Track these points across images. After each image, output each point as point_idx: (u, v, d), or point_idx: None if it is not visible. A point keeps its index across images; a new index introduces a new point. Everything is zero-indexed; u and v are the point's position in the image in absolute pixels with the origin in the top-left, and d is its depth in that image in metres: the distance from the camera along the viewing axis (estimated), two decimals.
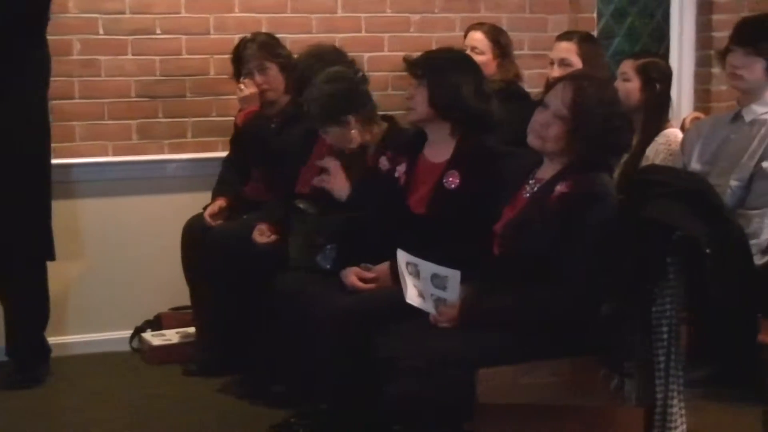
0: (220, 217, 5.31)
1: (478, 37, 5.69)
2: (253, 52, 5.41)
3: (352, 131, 4.62)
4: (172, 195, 5.75)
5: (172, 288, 5.57)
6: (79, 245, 5.65)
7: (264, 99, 5.42)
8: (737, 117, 4.39)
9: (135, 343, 5.74)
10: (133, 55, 5.67)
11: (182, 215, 5.47)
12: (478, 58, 5.53)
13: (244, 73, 5.43)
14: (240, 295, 4.87)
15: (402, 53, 4.61)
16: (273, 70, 5.41)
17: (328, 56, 5.06)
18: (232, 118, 5.58)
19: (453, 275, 3.64)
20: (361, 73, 4.80)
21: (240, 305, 4.87)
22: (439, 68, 4.21)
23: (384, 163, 4.44)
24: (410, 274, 3.77)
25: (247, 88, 5.37)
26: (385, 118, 4.81)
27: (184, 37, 5.74)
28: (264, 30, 5.71)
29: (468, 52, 5.56)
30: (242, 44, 5.49)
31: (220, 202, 5.37)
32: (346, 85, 4.68)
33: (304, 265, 4.49)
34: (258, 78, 5.40)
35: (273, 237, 4.83)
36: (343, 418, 4.03)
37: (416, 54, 4.40)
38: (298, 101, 4.88)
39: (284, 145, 5.17)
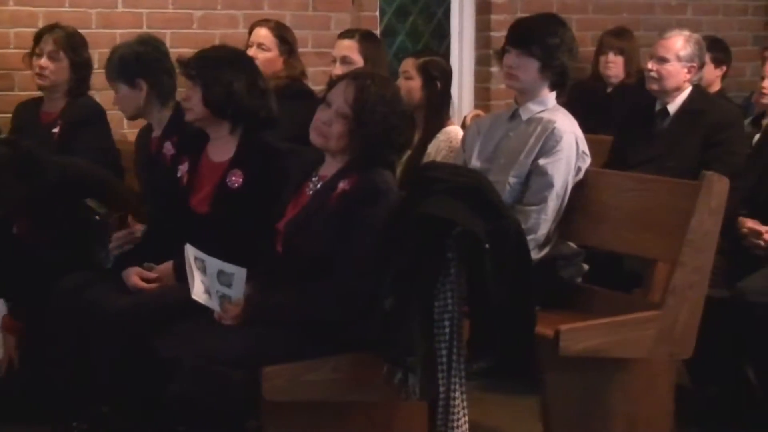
0: None
1: (263, 34, 5.66)
2: (54, 36, 5.27)
3: (141, 99, 4.62)
4: None
5: None
6: None
7: (40, 83, 5.29)
8: (515, 115, 4.49)
9: None
10: None
11: None
12: (264, 55, 5.54)
13: (36, 53, 5.28)
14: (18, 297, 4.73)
15: (184, 50, 4.57)
16: (63, 62, 5.27)
17: None
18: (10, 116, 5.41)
19: (239, 273, 3.62)
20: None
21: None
22: (211, 67, 4.18)
23: (168, 148, 4.40)
24: (198, 269, 3.74)
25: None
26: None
27: None
28: (40, 25, 5.54)
29: (254, 48, 5.55)
30: (50, 26, 5.35)
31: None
32: (153, 50, 4.67)
33: (92, 265, 4.40)
34: (44, 61, 5.25)
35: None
36: (126, 419, 3.96)
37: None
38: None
39: None
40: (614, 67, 6.68)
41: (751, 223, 4.54)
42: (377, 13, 6.62)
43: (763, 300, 4.22)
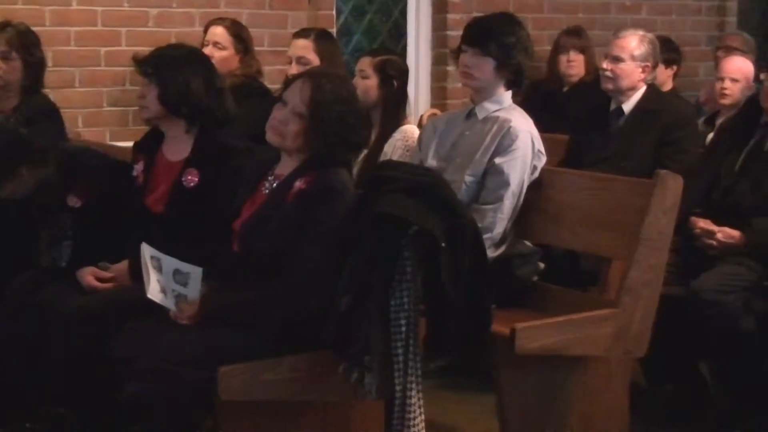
0: None
1: (219, 32, 5.66)
2: (6, 35, 5.19)
3: (31, 181, 4.40)
4: None
5: None
6: None
7: None
8: (471, 114, 4.50)
9: None
10: None
11: None
12: (220, 54, 5.53)
13: None
14: None
15: (140, 48, 4.52)
16: (16, 62, 5.21)
17: None
18: None
19: (195, 272, 3.61)
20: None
21: None
22: (168, 65, 4.15)
23: (74, 201, 4.32)
24: (153, 268, 3.72)
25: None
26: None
27: None
28: None
29: (209, 47, 5.53)
30: (2, 24, 5.27)
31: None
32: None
33: (47, 263, 4.35)
34: None
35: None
36: (81, 420, 3.94)
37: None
38: None
39: None
40: (576, 65, 6.70)
41: (703, 223, 4.57)
42: (333, 12, 6.61)
43: (717, 298, 4.26)
